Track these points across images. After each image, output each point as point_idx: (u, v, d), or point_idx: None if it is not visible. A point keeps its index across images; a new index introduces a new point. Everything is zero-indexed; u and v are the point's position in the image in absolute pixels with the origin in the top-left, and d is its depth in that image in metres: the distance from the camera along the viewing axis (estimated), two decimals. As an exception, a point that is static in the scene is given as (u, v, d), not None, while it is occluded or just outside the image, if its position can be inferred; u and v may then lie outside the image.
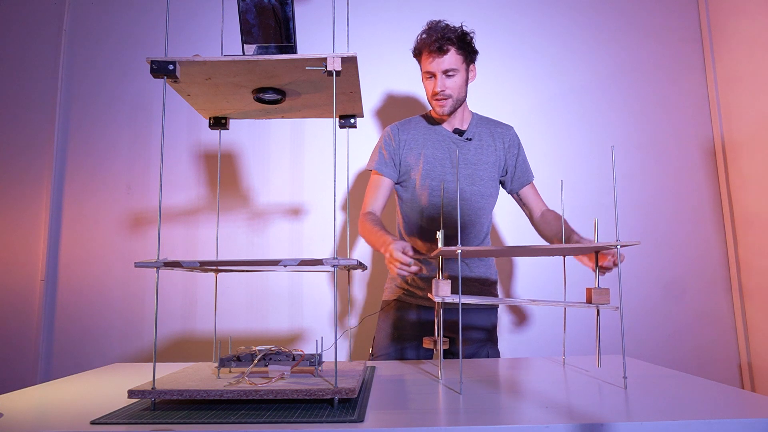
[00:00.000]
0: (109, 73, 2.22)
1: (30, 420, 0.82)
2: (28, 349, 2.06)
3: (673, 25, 2.25)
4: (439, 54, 1.48)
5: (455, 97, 1.53)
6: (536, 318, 2.09)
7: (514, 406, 0.85)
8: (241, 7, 0.96)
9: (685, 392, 0.93)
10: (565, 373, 1.15)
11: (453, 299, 1.01)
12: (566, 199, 2.06)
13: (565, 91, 2.21)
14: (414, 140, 1.59)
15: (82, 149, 2.18)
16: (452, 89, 1.51)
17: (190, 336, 2.08)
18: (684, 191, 2.17)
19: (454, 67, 1.50)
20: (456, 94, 1.53)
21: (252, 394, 0.83)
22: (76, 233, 2.13)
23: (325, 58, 0.90)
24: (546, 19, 2.25)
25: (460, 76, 1.52)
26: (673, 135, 2.19)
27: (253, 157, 2.17)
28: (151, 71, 0.90)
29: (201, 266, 0.96)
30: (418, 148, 1.58)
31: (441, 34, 1.48)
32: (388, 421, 0.77)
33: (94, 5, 2.25)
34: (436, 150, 1.58)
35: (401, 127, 1.63)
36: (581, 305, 1.05)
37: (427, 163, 1.56)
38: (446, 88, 1.50)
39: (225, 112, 1.19)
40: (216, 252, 1.25)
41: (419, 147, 1.58)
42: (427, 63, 1.51)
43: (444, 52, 1.48)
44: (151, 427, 0.75)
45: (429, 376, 1.13)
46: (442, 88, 1.50)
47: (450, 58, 1.49)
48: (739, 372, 2.07)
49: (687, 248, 2.14)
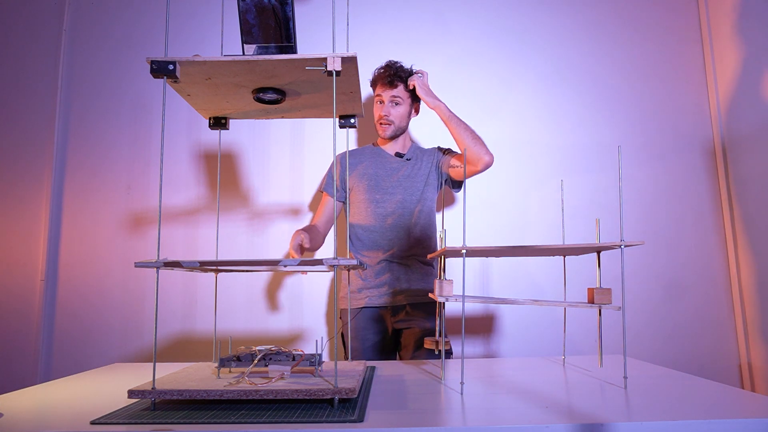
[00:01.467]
0: (109, 73, 2.22)
1: (30, 420, 0.82)
2: (28, 349, 2.06)
3: (673, 25, 2.25)
4: (390, 87, 1.75)
5: (397, 125, 1.77)
6: (536, 318, 2.09)
7: (514, 406, 0.85)
8: (241, 7, 0.96)
9: (685, 392, 0.93)
10: (565, 373, 1.15)
11: (456, 299, 1.01)
12: (566, 199, 2.06)
13: (565, 91, 2.21)
14: (359, 162, 1.83)
15: (82, 149, 2.17)
16: (395, 116, 1.76)
17: (190, 336, 2.08)
18: (684, 191, 2.17)
19: (400, 96, 1.76)
20: (398, 122, 1.77)
21: (252, 394, 0.83)
22: (76, 233, 2.13)
23: (325, 58, 0.90)
24: (546, 19, 2.25)
25: (404, 108, 1.78)
26: (673, 135, 2.19)
27: (253, 157, 2.17)
28: (151, 71, 0.90)
29: (201, 266, 0.96)
30: (363, 169, 1.81)
31: (394, 71, 1.75)
32: (388, 421, 0.77)
33: (94, 5, 2.25)
34: (378, 169, 1.80)
35: (350, 153, 1.87)
36: (583, 305, 1.05)
37: (371, 180, 1.78)
38: (390, 114, 1.76)
39: (225, 112, 1.19)
40: (216, 252, 1.25)
41: (364, 168, 1.81)
42: (379, 91, 1.78)
43: (394, 86, 1.75)
44: (151, 427, 0.75)
45: (429, 376, 1.13)
46: (387, 113, 1.76)
47: (398, 90, 1.76)
48: (739, 372, 2.07)
49: (687, 248, 2.14)
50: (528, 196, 2.15)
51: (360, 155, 1.85)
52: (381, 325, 1.73)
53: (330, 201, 1.81)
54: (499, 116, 2.20)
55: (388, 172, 1.79)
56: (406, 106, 1.78)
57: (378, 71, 1.80)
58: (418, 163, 1.80)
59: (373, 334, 1.72)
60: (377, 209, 1.75)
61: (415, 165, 1.80)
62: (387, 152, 1.83)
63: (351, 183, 1.81)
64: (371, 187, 1.77)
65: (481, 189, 2.16)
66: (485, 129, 1.82)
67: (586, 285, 1.99)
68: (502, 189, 2.16)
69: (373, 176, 1.78)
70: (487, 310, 2.09)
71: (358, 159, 1.84)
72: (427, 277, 1.75)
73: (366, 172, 1.80)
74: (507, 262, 2.14)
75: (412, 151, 1.84)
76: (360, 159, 1.83)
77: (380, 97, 1.76)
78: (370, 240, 1.75)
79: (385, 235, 1.73)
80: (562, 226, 1.33)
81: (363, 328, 1.72)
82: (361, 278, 1.76)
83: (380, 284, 1.72)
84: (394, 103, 1.76)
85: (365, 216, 1.76)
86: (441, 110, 1.69)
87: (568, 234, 2.03)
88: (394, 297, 1.71)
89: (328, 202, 1.81)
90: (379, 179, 1.78)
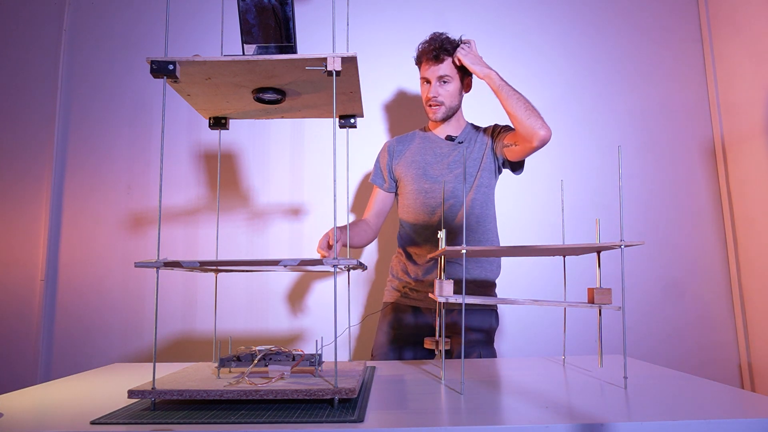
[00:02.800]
0: (109, 73, 2.22)
1: (30, 420, 0.82)
2: (28, 349, 2.06)
3: (673, 25, 2.25)
4: (435, 62, 1.57)
5: (447, 105, 1.60)
6: (536, 318, 2.09)
7: (514, 406, 0.85)
8: (241, 7, 0.96)
9: (685, 392, 0.93)
10: (566, 373, 1.15)
11: (456, 299, 1.01)
12: (566, 199, 2.06)
13: (565, 92, 2.21)
14: (408, 149, 1.68)
15: (82, 149, 2.17)
16: (445, 96, 1.59)
17: (190, 336, 2.08)
18: (684, 191, 2.16)
19: (449, 74, 1.58)
20: (449, 102, 1.60)
21: (252, 394, 0.83)
22: (76, 233, 2.13)
23: (325, 58, 0.90)
24: (546, 19, 2.25)
25: (454, 85, 1.60)
26: (673, 135, 2.19)
27: (253, 157, 2.17)
28: (151, 71, 0.90)
29: (201, 266, 0.96)
30: (411, 156, 1.66)
31: (440, 44, 1.56)
32: (388, 421, 0.77)
33: (94, 5, 2.25)
34: (427, 155, 1.64)
35: (397, 140, 1.73)
36: (583, 305, 1.05)
37: (420, 168, 1.63)
38: (439, 94, 1.59)
39: (225, 112, 1.19)
40: (216, 252, 1.25)
41: (412, 154, 1.66)
42: (425, 70, 1.60)
43: (440, 61, 1.56)
44: (151, 427, 0.75)
45: (429, 376, 1.13)
46: (435, 95, 1.58)
47: (445, 66, 1.57)
48: (739, 372, 2.07)
49: (687, 248, 2.14)
50: (528, 196, 2.15)
51: (408, 141, 1.70)
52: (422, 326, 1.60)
53: (380, 193, 1.69)
54: (499, 116, 2.19)
55: (438, 158, 1.63)
56: (456, 83, 1.60)
57: (422, 45, 1.61)
58: (471, 146, 1.63)
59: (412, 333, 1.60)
60: (426, 200, 1.61)
61: (468, 148, 1.63)
62: (437, 136, 1.67)
63: (399, 173, 1.67)
64: (419, 176, 1.62)
65: (481, 189, 2.16)
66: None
67: (586, 285, 1.99)
68: (502, 189, 2.15)
69: (421, 163, 1.63)
70: (487, 310, 2.09)
71: (405, 146, 1.69)
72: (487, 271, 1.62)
73: (414, 159, 1.65)
74: (507, 262, 2.13)
75: (466, 133, 1.66)
76: (408, 145, 1.69)
77: (427, 78, 1.60)
78: (419, 235, 1.62)
79: (435, 230, 1.57)
80: (562, 226, 1.32)
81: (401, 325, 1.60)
82: (409, 275, 1.63)
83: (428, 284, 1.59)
84: (442, 82, 1.58)
85: (414, 208, 1.62)
86: (491, 79, 1.51)
87: (568, 234, 2.03)
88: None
89: (377, 194, 1.69)
90: (427, 167, 1.63)
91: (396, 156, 1.69)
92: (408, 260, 1.65)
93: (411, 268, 1.63)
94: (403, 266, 1.66)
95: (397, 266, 1.69)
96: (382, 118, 2.20)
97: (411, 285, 1.62)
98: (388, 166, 1.69)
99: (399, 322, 1.62)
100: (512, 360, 1.40)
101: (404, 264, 1.66)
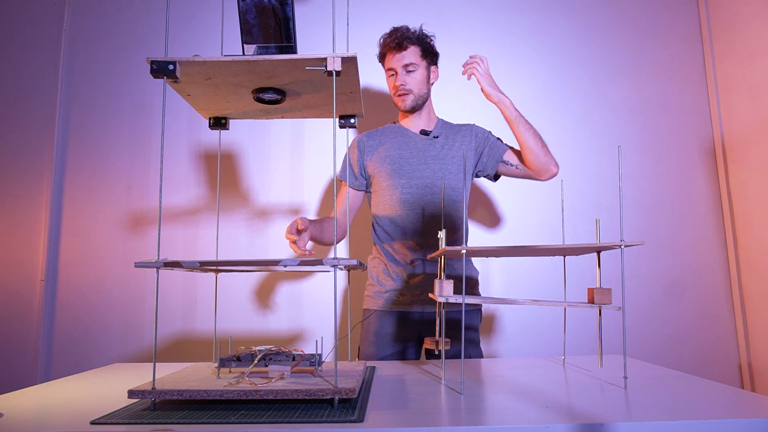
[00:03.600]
0: (109, 73, 2.22)
1: (30, 420, 0.82)
2: (28, 349, 2.06)
3: (673, 25, 2.25)
4: (399, 50, 1.55)
5: (416, 93, 1.58)
6: (536, 318, 2.09)
7: (514, 406, 0.85)
8: (241, 7, 0.96)
9: (685, 392, 0.93)
10: (565, 373, 1.15)
11: (456, 299, 1.01)
12: (566, 199, 2.06)
13: (565, 92, 2.21)
14: (380, 144, 1.63)
15: (82, 149, 2.17)
16: (412, 84, 1.57)
17: (190, 336, 2.08)
18: (684, 191, 2.17)
19: (413, 61, 1.56)
20: (417, 90, 1.58)
21: (252, 394, 0.83)
22: (76, 233, 2.13)
23: (325, 58, 0.90)
24: (546, 19, 2.25)
25: (420, 73, 1.58)
26: (673, 135, 2.19)
27: (253, 157, 2.17)
28: (151, 71, 0.90)
29: (201, 266, 0.96)
30: (385, 151, 1.61)
31: (401, 34, 1.56)
32: (388, 421, 0.77)
33: (94, 5, 2.25)
34: (402, 150, 1.60)
35: (368, 135, 1.68)
36: (583, 305, 1.05)
37: (395, 163, 1.59)
38: (406, 83, 1.57)
39: (225, 112, 1.19)
40: (216, 252, 1.25)
41: (386, 149, 1.62)
42: (389, 60, 1.59)
43: (403, 48, 1.55)
44: (151, 427, 0.75)
45: (429, 376, 1.13)
46: (402, 83, 1.56)
47: (409, 54, 1.56)
48: (739, 372, 2.07)
49: (687, 248, 2.14)
50: (528, 196, 2.15)
51: (380, 136, 1.65)
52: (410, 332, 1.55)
53: (349, 191, 1.62)
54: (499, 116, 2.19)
55: (413, 153, 1.58)
56: (422, 70, 1.58)
57: (383, 39, 1.60)
58: (449, 142, 1.60)
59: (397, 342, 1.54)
60: (402, 195, 1.55)
61: (446, 144, 1.59)
62: (410, 131, 1.63)
63: (372, 168, 1.61)
64: (395, 172, 1.57)
65: (482, 188, 2.16)
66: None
67: (586, 285, 1.99)
68: (503, 189, 2.16)
69: (396, 158, 1.58)
70: (487, 310, 2.09)
71: (378, 140, 1.64)
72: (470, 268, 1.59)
73: (388, 154, 1.59)
74: (507, 262, 2.14)
75: (440, 128, 1.64)
76: (380, 140, 1.63)
77: (392, 68, 1.57)
78: (397, 232, 1.56)
79: (414, 226, 1.53)
80: (562, 226, 1.33)
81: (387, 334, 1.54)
82: (391, 278, 1.57)
83: (414, 287, 1.54)
84: (407, 71, 1.56)
85: (390, 205, 1.57)
86: (506, 107, 1.49)
87: (568, 234, 2.03)
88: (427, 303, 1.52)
89: (346, 192, 1.61)
90: (403, 161, 1.58)
91: (368, 152, 1.63)
92: (389, 261, 1.59)
93: (393, 269, 1.57)
94: (384, 268, 1.59)
95: (376, 269, 1.62)
96: (382, 118, 2.20)
97: (398, 289, 1.55)
98: (359, 162, 1.64)
99: (385, 332, 1.55)
100: (512, 360, 1.40)
101: (385, 265, 1.59)
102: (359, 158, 1.64)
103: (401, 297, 1.55)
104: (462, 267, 1.58)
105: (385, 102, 2.23)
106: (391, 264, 1.59)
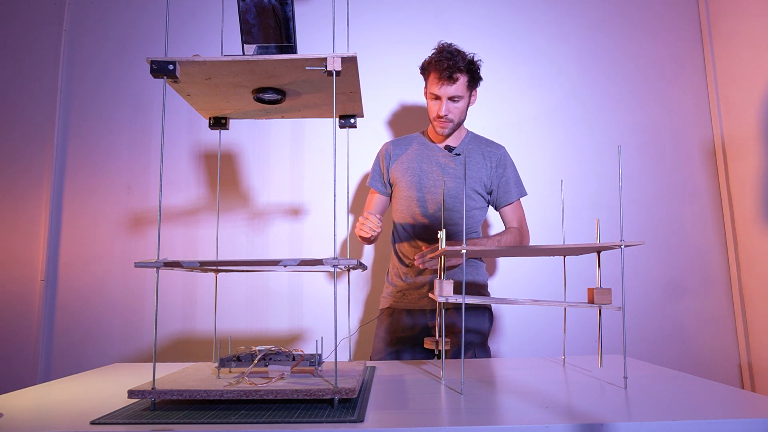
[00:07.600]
0: (109, 73, 2.22)
1: (30, 420, 0.82)
2: (28, 349, 2.06)
3: (673, 25, 2.25)
4: (449, 82, 1.51)
5: (456, 121, 1.59)
6: (536, 318, 2.09)
7: (514, 406, 0.85)
8: (241, 7, 0.96)
9: (685, 392, 0.93)
10: (565, 373, 1.15)
11: (456, 299, 1.01)
12: (566, 199, 2.06)
13: (565, 91, 2.21)
14: (406, 155, 1.67)
15: (82, 149, 2.17)
16: (455, 114, 1.57)
17: (190, 336, 2.08)
18: (684, 191, 2.16)
19: (461, 94, 1.55)
20: (458, 119, 1.59)
21: (252, 394, 0.83)
22: (76, 233, 2.13)
23: (325, 58, 0.90)
24: (546, 19, 2.25)
25: (464, 102, 1.58)
26: (673, 135, 2.19)
27: (253, 157, 2.17)
28: (151, 71, 0.90)
29: (201, 266, 0.96)
30: (408, 162, 1.65)
31: (453, 61, 1.50)
32: (388, 421, 0.77)
33: (94, 5, 2.25)
34: (423, 164, 1.64)
35: (395, 143, 1.72)
36: (583, 305, 1.05)
37: (415, 176, 1.63)
38: (450, 112, 1.55)
39: (225, 112, 1.19)
40: (216, 252, 1.25)
41: (409, 161, 1.66)
42: (435, 86, 1.55)
43: (454, 81, 1.51)
44: (151, 427, 0.75)
45: (429, 376, 1.13)
46: (446, 113, 1.55)
47: (458, 86, 1.53)
48: (739, 372, 2.07)
49: (687, 248, 2.14)
50: (528, 196, 2.15)
51: (406, 145, 1.69)
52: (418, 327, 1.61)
53: (377, 196, 1.70)
54: (498, 116, 2.20)
55: (433, 167, 1.62)
56: (466, 100, 1.58)
57: (432, 58, 1.54)
58: (470, 161, 1.63)
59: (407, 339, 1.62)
60: (420, 209, 1.62)
61: (468, 161, 1.62)
62: (436, 145, 1.66)
63: (394, 177, 1.67)
64: (413, 184, 1.62)
65: (481, 189, 2.16)
66: (485, 129, 1.82)
67: (586, 285, 1.99)
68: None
69: (416, 171, 1.63)
70: (487, 310, 2.09)
71: (402, 150, 1.68)
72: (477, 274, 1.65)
73: (410, 165, 1.64)
74: (507, 262, 2.14)
75: (467, 143, 1.66)
76: (405, 149, 1.68)
77: (437, 94, 1.54)
78: (409, 238, 1.64)
79: (430, 236, 1.60)
80: (562, 226, 1.33)
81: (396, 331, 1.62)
82: (401, 279, 1.65)
83: (421, 284, 1.61)
84: (452, 101, 1.55)
85: (407, 214, 1.64)
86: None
87: (568, 234, 2.03)
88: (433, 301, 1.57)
89: (376, 196, 1.70)
90: (423, 175, 1.62)
91: (393, 159, 1.69)
92: (399, 263, 1.68)
93: (402, 270, 1.66)
94: (396, 270, 1.69)
95: (391, 271, 1.72)
96: (382, 118, 2.20)
97: (404, 288, 1.64)
98: (386, 170, 1.70)
99: (395, 326, 1.64)
100: (512, 360, 1.40)
101: (397, 269, 1.69)
102: (386, 165, 1.70)
103: (407, 295, 1.63)
104: (470, 274, 1.64)
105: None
106: (401, 267, 1.68)
